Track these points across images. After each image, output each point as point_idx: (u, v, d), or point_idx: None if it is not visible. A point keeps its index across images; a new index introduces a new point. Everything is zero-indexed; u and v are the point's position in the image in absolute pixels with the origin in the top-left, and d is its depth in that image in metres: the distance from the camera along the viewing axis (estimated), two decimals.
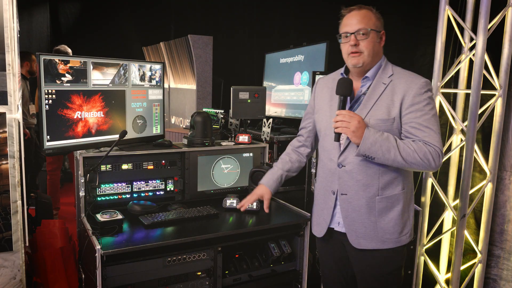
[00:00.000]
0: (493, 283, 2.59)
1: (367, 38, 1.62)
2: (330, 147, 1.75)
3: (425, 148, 1.57)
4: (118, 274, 1.81)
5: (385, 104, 1.64)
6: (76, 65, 2.06)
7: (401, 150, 1.57)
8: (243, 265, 2.16)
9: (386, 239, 1.70)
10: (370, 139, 1.57)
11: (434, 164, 1.59)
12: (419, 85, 1.62)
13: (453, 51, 2.68)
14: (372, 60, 1.67)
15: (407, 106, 1.61)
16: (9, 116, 1.85)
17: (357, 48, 1.64)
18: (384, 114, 1.63)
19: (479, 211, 2.61)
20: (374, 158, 1.59)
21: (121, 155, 2.22)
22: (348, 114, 1.59)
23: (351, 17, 1.65)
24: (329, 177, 1.78)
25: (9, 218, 1.90)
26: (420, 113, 1.60)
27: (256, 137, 2.85)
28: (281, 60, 4.41)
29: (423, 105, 1.60)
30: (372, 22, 1.64)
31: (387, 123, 1.63)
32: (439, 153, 1.58)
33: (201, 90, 5.41)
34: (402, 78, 1.65)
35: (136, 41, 7.06)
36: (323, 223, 1.82)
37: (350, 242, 1.73)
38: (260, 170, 2.42)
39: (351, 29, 1.64)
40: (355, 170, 1.68)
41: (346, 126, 1.58)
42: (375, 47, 1.65)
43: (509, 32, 2.35)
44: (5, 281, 1.93)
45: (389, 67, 1.70)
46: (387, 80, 1.66)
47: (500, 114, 2.44)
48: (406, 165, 1.59)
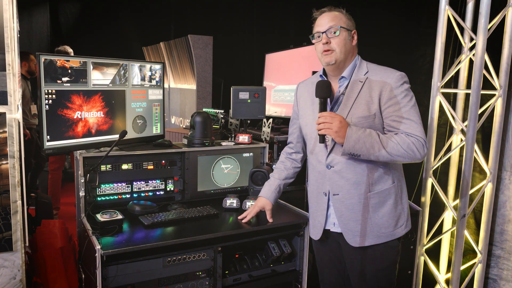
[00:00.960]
0: (493, 283, 2.59)
1: (337, 36, 1.68)
2: (317, 150, 1.78)
3: (407, 139, 1.60)
4: (118, 274, 1.81)
5: (364, 101, 1.67)
6: (76, 65, 2.06)
7: (384, 144, 1.60)
8: (243, 265, 2.16)
9: (381, 234, 1.73)
10: (353, 137, 1.59)
11: (419, 154, 1.61)
12: (395, 78, 1.65)
13: (453, 51, 2.68)
14: (345, 58, 1.71)
15: (385, 100, 1.65)
16: (9, 116, 1.85)
17: (329, 46, 1.69)
18: (365, 111, 1.67)
19: (479, 211, 2.61)
20: (359, 155, 1.62)
21: (121, 155, 2.22)
22: (329, 115, 1.62)
23: (322, 18, 1.73)
24: (319, 179, 1.80)
25: (9, 218, 1.90)
26: (398, 106, 1.64)
27: (256, 137, 2.85)
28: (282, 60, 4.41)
29: (401, 97, 1.64)
30: (343, 21, 1.69)
31: (368, 120, 1.66)
32: (422, 143, 1.61)
33: (201, 90, 5.40)
34: (377, 74, 1.69)
35: (136, 41, 7.05)
36: (319, 226, 1.85)
37: (347, 241, 1.75)
38: (260, 170, 2.42)
39: (322, 28, 1.71)
40: (344, 169, 1.71)
41: (328, 127, 1.61)
42: (346, 45, 1.70)
43: (509, 32, 2.35)
44: (5, 281, 1.93)
45: (364, 65, 1.74)
46: (363, 78, 1.70)
47: (500, 114, 2.44)
48: (392, 158, 1.62)
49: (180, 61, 5.81)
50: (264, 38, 5.21)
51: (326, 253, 1.91)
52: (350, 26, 1.71)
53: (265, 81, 4.75)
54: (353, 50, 1.74)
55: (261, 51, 4.92)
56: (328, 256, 1.91)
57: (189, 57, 5.44)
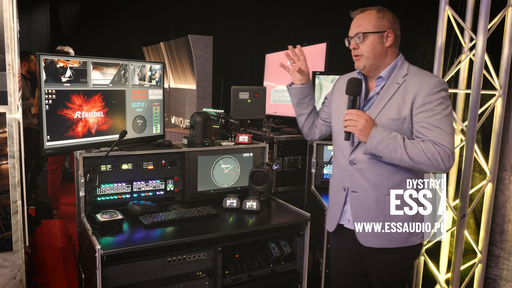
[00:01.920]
0: (493, 283, 2.59)
1: (364, 41, 1.66)
2: (343, 144, 1.77)
3: (433, 148, 1.56)
4: (118, 274, 1.81)
5: (396, 104, 1.64)
6: (76, 65, 2.06)
7: (408, 149, 1.57)
8: (243, 265, 2.16)
9: (393, 238, 1.70)
10: (377, 137, 1.58)
11: (444, 165, 1.56)
12: (432, 84, 1.60)
13: (453, 51, 2.68)
14: (377, 62, 1.69)
15: (418, 105, 1.61)
16: (9, 116, 1.85)
17: (357, 52, 1.69)
18: (395, 113, 1.64)
19: (479, 211, 2.61)
20: (381, 157, 1.60)
21: (121, 155, 2.22)
22: (356, 113, 1.61)
23: (353, 21, 1.70)
24: (341, 174, 1.79)
25: (9, 218, 1.90)
26: (431, 113, 1.59)
27: (256, 137, 2.85)
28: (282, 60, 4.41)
29: (435, 105, 1.59)
30: (372, 24, 1.65)
31: (397, 123, 1.63)
32: (449, 154, 1.56)
33: (201, 90, 5.40)
34: (415, 78, 1.65)
35: (136, 41, 7.05)
36: (334, 219, 1.83)
37: (358, 240, 1.74)
38: (260, 170, 2.42)
39: (351, 33, 1.70)
40: (365, 168, 1.69)
41: (353, 124, 1.61)
42: (375, 49, 1.66)
43: (509, 32, 2.35)
44: (5, 281, 1.93)
45: (405, 66, 1.70)
46: (401, 80, 1.66)
47: (500, 114, 2.44)
48: (414, 165, 1.58)
49: (180, 61, 5.81)
50: (264, 38, 5.21)
51: (340, 248, 1.90)
52: (381, 27, 1.65)
53: (265, 81, 4.75)
54: (387, 51, 1.69)
55: (261, 51, 4.92)
56: (342, 251, 1.89)
57: (189, 57, 5.44)
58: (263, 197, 2.42)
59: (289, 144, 3.26)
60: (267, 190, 2.44)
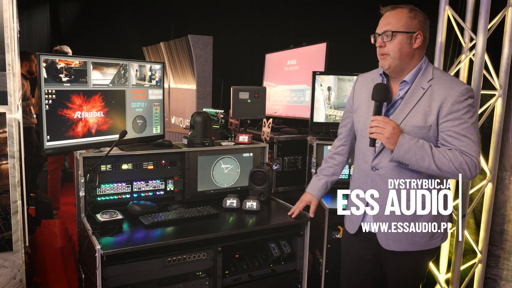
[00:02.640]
0: (493, 283, 2.59)
1: (391, 40, 1.60)
2: (365, 149, 1.74)
3: (461, 157, 1.54)
4: (118, 274, 1.81)
5: (422, 111, 1.61)
6: (76, 65, 2.06)
7: (436, 158, 1.55)
8: (243, 265, 2.16)
9: (415, 242, 1.69)
10: (405, 146, 1.55)
11: (470, 175, 1.56)
12: (459, 92, 1.57)
13: (453, 51, 2.68)
14: (402, 63, 1.64)
15: (445, 114, 1.58)
16: (9, 116, 1.85)
17: (383, 50, 1.63)
18: (421, 121, 1.60)
19: (479, 211, 2.61)
20: (408, 165, 1.58)
21: (121, 155, 2.22)
22: (383, 120, 1.58)
23: (383, 17, 1.65)
24: (362, 178, 1.77)
25: (9, 218, 1.90)
26: (458, 122, 1.56)
27: (256, 137, 2.85)
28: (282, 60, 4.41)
29: (462, 113, 1.56)
30: (402, 23, 1.60)
31: (423, 130, 1.60)
32: (475, 164, 1.55)
33: (201, 90, 5.40)
34: (441, 84, 1.61)
35: (136, 41, 7.05)
36: (355, 221, 1.81)
37: (380, 243, 1.73)
38: (260, 170, 2.42)
39: (379, 30, 1.65)
40: (388, 174, 1.67)
41: (380, 132, 1.57)
42: (403, 49, 1.61)
43: (509, 32, 2.35)
44: (5, 281, 1.93)
45: (429, 70, 1.66)
46: (426, 85, 1.62)
47: (500, 114, 2.44)
48: (441, 173, 1.57)
49: (180, 61, 5.81)
50: (264, 38, 5.21)
51: (357, 248, 1.87)
52: (411, 28, 1.61)
53: (265, 81, 4.75)
54: (414, 53, 1.64)
55: (261, 51, 4.92)
56: (357, 252, 1.87)
57: (189, 57, 5.43)
58: (263, 197, 2.42)
59: (289, 144, 3.26)
60: (267, 190, 2.44)
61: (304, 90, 3.94)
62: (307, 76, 3.88)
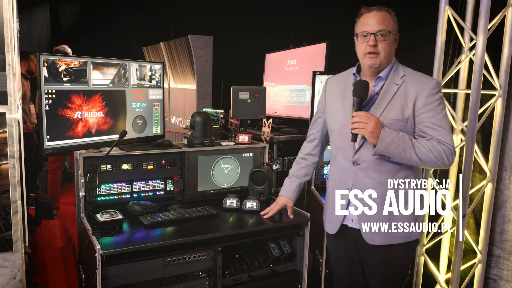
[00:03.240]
0: (493, 283, 2.59)
1: (385, 39, 1.67)
2: (345, 146, 1.78)
3: (439, 147, 1.63)
4: (118, 274, 1.81)
5: (399, 104, 1.69)
6: (75, 65, 2.06)
7: (416, 149, 1.63)
8: (243, 265, 2.16)
9: (398, 235, 1.73)
10: (387, 139, 1.62)
11: (448, 162, 1.65)
12: (431, 85, 1.67)
13: (453, 51, 2.68)
14: (387, 62, 1.72)
15: (421, 106, 1.67)
16: (9, 116, 1.85)
17: (375, 49, 1.68)
18: (398, 114, 1.68)
19: (479, 211, 2.61)
20: (390, 157, 1.65)
21: (121, 155, 2.22)
22: (365, 116, 1.63)
23: (371, 17, 1.68)
24: (343, 175, 1.80)
25: (9, 218, 1.90)
26: (433, 113, 1.66)
27: (256, 137, 2.85)
28: (282, 60, 4.42)
29: (436, 105, 1.66)
30: (391, 24, 1.69)
31: (401, 123, 1.68)
32: (452, 151, 1.65)
33: (201, 90, 5.40)
34: (414, 79, 1.71)
35: (136, 41, 7.05)
36: (336, 221, 1.84)
37: (364, 238, 1.76)
38: (260, 170, 2.42)
39: (371, 29, 1.67)
40: (370, 168, 1.72)
41: (363, 127, 1.63)
42: (391, 49, 1.71)
43: (509, 32, 2.35)
44: (5, 281, 1.93)
45: (400, 68, 1.76)
46: (400, 81, 1.71)
47: (500, 114, 2.44)
48: (421, 163, 1.65)
49: (180, 61, 5.81)
50: (264, 38, 5.21)
51: (341, 249, 1.91)
52: (395, 30, 1.71)
53: (265, 81, 4.75)
54: (393, 53, 1.75)
55: (261, 51, 4.92)
56: (343, 252, 1.91)
57: (189, 57, 5.44)
58: (263, 197, 2.42)
59: (289, 144, 3.26)
60: (267, 190, 2.44)
61: (304, 90, 3.94)
62: (307, 76, 3.88)
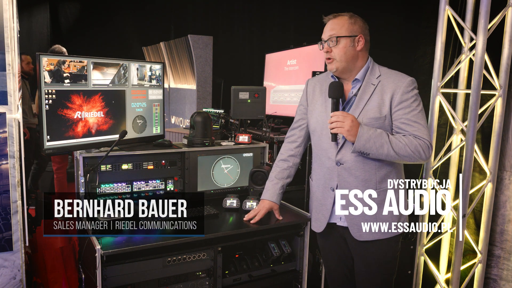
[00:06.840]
0: (493, 283, 2.59)
1: (337, 45, 1.74)
2: (327, 146, 1.82)
3: (415, 141, 1.68)
4: (118, 274, 1.81)
5: (376, 103, 1.74)
6: (76, 67, 2.06)
7: (393, 145, 1.68)
8: (243, 265, 2.16)
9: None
10: (364, 136, 1.67)
11: (425, 156, 1.70)
12: (406, 83, 1.72)
13: (453, 51, 2.68)
14: (349, 65, 1.77)
15: (396, 103, 1.72)
16: (9, 116, 1.85)
17: (330, 55, 1.77)
18: (376, 112, 1.74)
19: (479, 211, 2.61)
20: (369, 154, 1.70)
21: (121, 155, 2.22)
22: (341, 115, 1.69)
23: (326, 25, 1.79)
24: (327, 175, 1.84)
25: (9, 218, 1.90)
26: (408, 110, 1.71)
27: (256, 137, 2.85)
28: (282, 60, 4.41)
29: (411, 102, 1.71)
30: (345, 29, 1.74)
31: (379, 121, 1.74)
32: (428, 145, 1.70)
33: (201, 90, 5.41)
34: (390, 78, 1.76)
35: (136, 41, 7.06)
36: (322, 219, 1.88)
37: (352, 235, 1.80)
38: (260, 170, 2.42)
39: (324, 36, 1.78)
40: (353, 167, 1.77)
41: (340, 126, 1.68)
42: (347, 52, 1.74)
43: (509, 32, 2.35)
44: (5, 281, 1.93)
45: (376, 68, 1.80)
46: (376, 81, 1.77)
47: (500, 114, 2.44)
48: (399, 158, 1.70)
49: (180, 61, 5.82)
50: (264, 38, 5.21)
51: (331, 247, 1.95)
52: (353, 32, 1.74)
53: (265, 81, 4.75)
54: (358, 55, 1.77)
55: (261, 51, 4.92)
56: (333, 250, 1.94)
57: (189, 57, 5.44)
58: None
59: None
60: None
61: None
62: (307, 76, 3.88)
